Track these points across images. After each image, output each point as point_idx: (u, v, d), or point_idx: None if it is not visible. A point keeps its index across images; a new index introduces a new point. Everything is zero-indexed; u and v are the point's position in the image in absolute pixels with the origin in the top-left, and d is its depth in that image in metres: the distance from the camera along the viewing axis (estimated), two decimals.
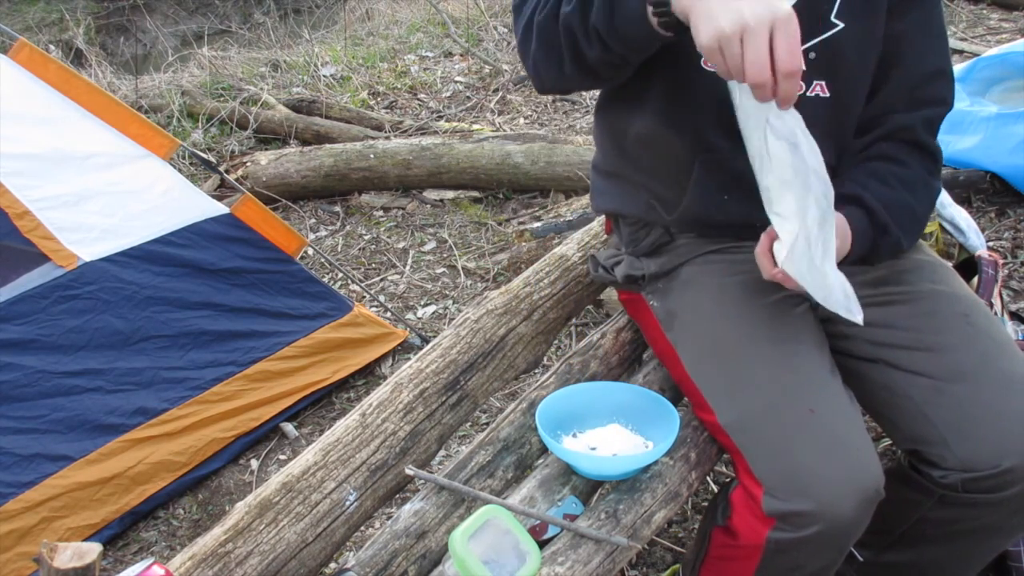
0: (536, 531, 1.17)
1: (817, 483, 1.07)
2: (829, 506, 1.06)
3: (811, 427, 1.11)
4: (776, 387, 1.15)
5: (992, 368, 1.17)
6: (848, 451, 1.10)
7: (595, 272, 1.48)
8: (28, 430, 2.01)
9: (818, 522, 1.07)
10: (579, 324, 2.59)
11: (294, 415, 2.46)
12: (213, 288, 2.37)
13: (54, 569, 0.87)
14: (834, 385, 1.18)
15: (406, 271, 3.17)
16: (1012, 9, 4.38)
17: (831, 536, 1.09)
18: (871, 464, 1.11)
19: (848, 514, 1.07)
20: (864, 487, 1.08)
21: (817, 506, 1.06)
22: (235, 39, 6.49)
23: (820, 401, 1.14)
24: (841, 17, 1.17)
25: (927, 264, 1.31)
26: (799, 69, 0.91)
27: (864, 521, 1.11)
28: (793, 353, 1.19)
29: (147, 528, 2.17)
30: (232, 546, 1.13)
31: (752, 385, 1.17)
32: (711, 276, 1.30)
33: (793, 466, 1.09)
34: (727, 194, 1.26)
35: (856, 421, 1.15)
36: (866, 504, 1.09)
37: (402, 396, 1.34)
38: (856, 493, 1.07)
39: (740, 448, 1.16)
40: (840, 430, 1.12)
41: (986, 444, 1.12)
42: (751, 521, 1.13)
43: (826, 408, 1.13)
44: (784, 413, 1.13)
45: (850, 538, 1.13)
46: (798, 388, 1.15)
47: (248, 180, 3.59)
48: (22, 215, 2.11)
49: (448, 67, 5.12)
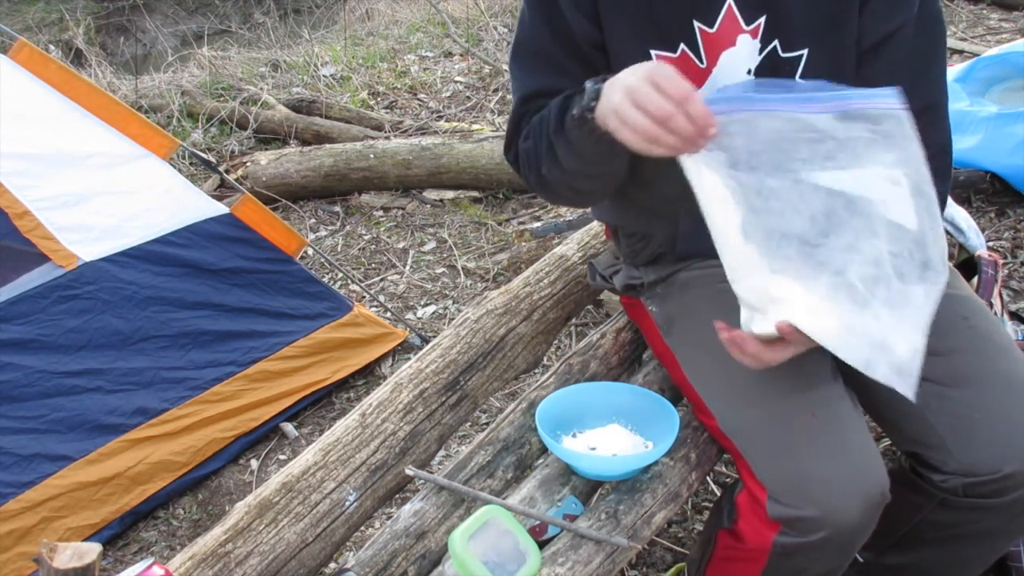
0: (536, 531, 1.17)
1: (821, 489, 1.06)
2: (834, 512, 1.06)
3: (814, 432, 1.10)
4: (777, 392, 1.14)
5: (993, 372, 1.16)
6: (852, 455, 1.09)
7: (593, 280, 1.49)
8: (28, 430, 2.01)
9: (823, 528, 1.06)
10: (579, 324, 2.58)
11: (294, 415, 2.46)
12: (213, 288, 2.37)
13: (54, 569, 0.87)
14: (836, 388, 1.17)
15: (406, 271, 3.17)
16: (1012, 9, 4.38)
17: (837, 541, 1.08)
18: (875, 468, 1.10)
19: (853, 519, 1.06)
20: (869, 492, 1.07)
21: (822, 512, 1.05)
22: (235, 39, 6.49)
23: (822, 405, 1.13)
24: (807, 75, 1.16)
25: None
26: (691, 95, 0.94)
27: (870, 525, 1.10)
28: (794, 358, 1.19)
29: (147, 528, 2.17)
30: (232, 546, 1.13)
31: (753, 390, 1.17)
32: (709, 281, 1.30)
33: (797, 472, 1.08)
34: None
35: (859, 424, 1.14)
36: (871, 508, 1.08)
37: (402, 396, 1.34)
38: (861, 498, 1.07)
39: (742, 452, 1.15)
40: (843, 434, 1.11)
41: (987, 449, 1.11)
42: (757, 525, 1.13)
43: (829, 412, 1.13)
44: (786, 418, 1.13)
45: (856, 542, 1.12)
46: (800, 392, 1.14)
47: (248, 180, 3.59)
48: (22, 215, 2.11)
49: (448, 67, 5.12)
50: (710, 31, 1.14)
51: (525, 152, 1.22)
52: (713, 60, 1.15)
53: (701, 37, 1.14)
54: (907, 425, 1.18)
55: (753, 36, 1.14)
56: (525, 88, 1.22)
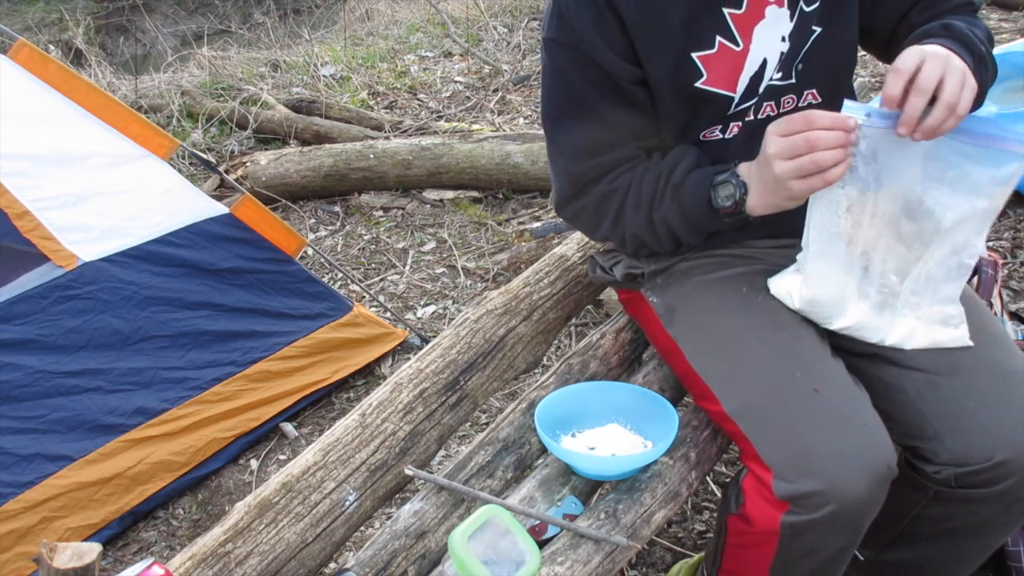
0: (536, 531, 1.17)
1: (826, 462, 1.07)
2: (840, 485, 1.06)
3: (816, 407, 1.11)
4: (779, 370, 1.16)
5: (986, 361, 1.17)
6: (855, 428, 1.10)
7: (593, 273, 1.49)
8: (28, 430, 2.01)
9: (831, 502, 1.06)
10: (579, 324, 2.59)
11: (294, 415, 2.46)
12: (213, 288, 2.37)
13: (54, 569, 0.87)
14: (837, 366, 1.18)
15: (406, 271, 3.17)
16: (1012, 9, 4.38)
17: (846, 515, 1.08)
18: (880, 440, 1.10)
19: (860, 492, 1.06)
20: (874, 464, 1.08)
21: (828, 485, 1.06)
22: (235, 39, 6.49)
23: (824, 381, 1.14)
24: (819, 23, 1.21)
25: None
26: (851, 127, 1.03)
27: (878, 498, 1.10)
28: (794, 338, 1.20)
29: (147, 528, 2.17)
30: (232, 546, 1.13)
31: (755, 370, 1.18)
32: (709, 268, 1.31)
33: (800, 447, 1.09)
34: None
35: (862, 399, 1.15)
36: (878, 481, 1.08)
37: (402, 396, 1.34)
38: (866, 470, 1.07)
39: (747, 434, 1.16)
40: (846, 408, 1.12)
41: (978, 437, 1.12)
42: (764, 507, 1.13)
43: (831, 387, 1.14)
44: (788, 395, 1.14)
45: (866, 517, 1.12)
46: (801, 370, 1.15)
47: (248, 180, 3.59)
48: (22, 215, 2.11)
49: (448, 67, 5.12)
50: (739, 12, 1.17)
51: (613, 224, 1.28)
52: (748, 39, 1.18)
53: (733, 21, 1.17)
54: (902, 416, 1.18)
55: (779, 5, 1.17)
56: (575, 144, 1.25)
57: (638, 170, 1.25)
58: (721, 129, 1.26)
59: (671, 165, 1.23)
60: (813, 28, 1.21)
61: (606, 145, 1.23)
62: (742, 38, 1.18)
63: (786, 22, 1.18)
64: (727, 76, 1.20)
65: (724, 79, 1.20)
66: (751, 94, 1.22)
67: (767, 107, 1.25)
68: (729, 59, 1.18)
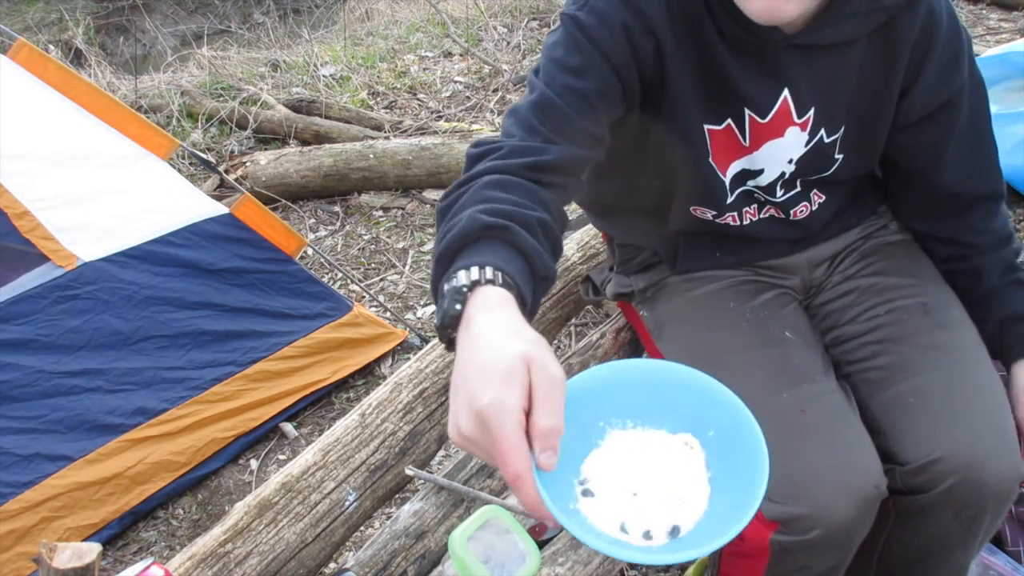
0: (536, 531, 1.17)
1: (812, 487, 1.06)
2: (826, 509, 1.05)
3: (802, 429, 1.10)
4: (765, 393, 1.14)
5: (938, 361, 1.16)
6: (841, 451, 1.09)
7: (586, 296, 1.50)
8: (28, 430, 2.01)
9: (817, 526, 1.06)
10: (579, 324, 2.58)
11: (294, 415, 2.46)
12: (212, 288, 2.37)
13: (53, 569, 0.87)
14: (826, 384, 1.16)
15: (406, 271, 3.16)
16: (1012, 9, 4.38)
17: (832, 538, 1.08)
18: (867, 461, 1.09)
19: (846, 516, 1.06)
20: (859, 487, 1.07)
21: (814, 510, 1.05)
22: (235, 39, 6.48)
23: (811, 401, 1.13)
24: (842, 150, 1.18)
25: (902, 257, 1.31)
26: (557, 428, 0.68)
27: (866, 520, 1.10)
28: (782, 356, 1.18)
29: (147, 528, 2.17)
30: (231, 546, 1.13)
31: (741, 391, 1.15)
32: (697, 284, 1.31)
33: (787, 470, 1.07)
34: (718, 251, 1.29)
35: (850, 418, 1.14)
36: (864, 504, 1.08)
37: (401, 396, 1.34)
38: (852, 493, 1.06)
39: None
40: (833, 429, 1.11)
41: (918, 434, 1.10)
42: (754, 524, 1.12)
43: (818, 408, 1.12)
44: (775, 417, 1.11)
45: (854, 538, 1.11)
46: (788, 390, 1.14)
47: (248, 180, 3.59)
48: (21, 215, 2.11)
49: (448, 67, 5.11)
50: (761, 121, 1.11)
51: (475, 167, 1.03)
52: (757, 145, 1.14)
53: (750, 123, 1.12)
54: (868, 423, 1.17)
55: (803, 129, 1.13)
56: (550, 77, 1.03)
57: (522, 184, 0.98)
58: None
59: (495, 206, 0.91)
60: (835, 156, 1.17)
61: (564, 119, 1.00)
62: (752, 141, 1.13)
63: (800, 147, 1.15)
64: (723, 156, 1.15)
65: (721, 158, 1.15)
66: (738, 183, 1.18)
67: (748, 212, 1.23)
68: (733, 144, 1.13)
